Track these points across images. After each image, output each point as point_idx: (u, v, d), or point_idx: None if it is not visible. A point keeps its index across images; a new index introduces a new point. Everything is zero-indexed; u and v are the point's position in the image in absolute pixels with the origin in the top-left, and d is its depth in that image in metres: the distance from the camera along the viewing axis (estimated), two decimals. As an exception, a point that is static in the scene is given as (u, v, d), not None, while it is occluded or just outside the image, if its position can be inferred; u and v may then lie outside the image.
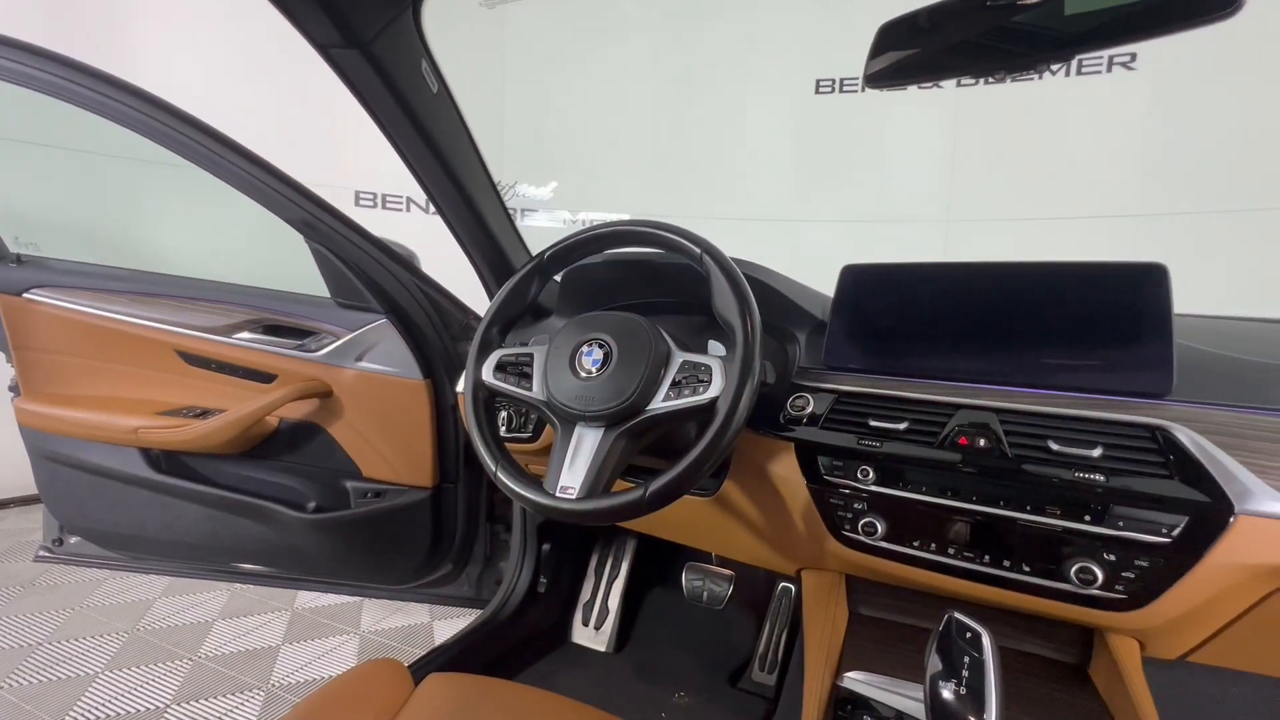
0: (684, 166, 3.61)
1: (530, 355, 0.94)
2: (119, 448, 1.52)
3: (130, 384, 1.55)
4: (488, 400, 0.96)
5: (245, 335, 1.51)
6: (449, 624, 2.01)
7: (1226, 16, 0.55)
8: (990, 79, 2.96)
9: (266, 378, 1.50)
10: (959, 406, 0.85)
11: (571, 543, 1.75)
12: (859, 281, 0.99)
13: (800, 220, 3.40)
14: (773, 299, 1.03)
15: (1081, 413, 0.78)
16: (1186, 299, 0.80)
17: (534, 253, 1.03)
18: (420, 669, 1.35)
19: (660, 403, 0.82)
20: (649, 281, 1.14)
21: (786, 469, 0.95)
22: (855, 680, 0.69)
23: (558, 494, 0.82)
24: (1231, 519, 0.69)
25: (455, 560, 1.68)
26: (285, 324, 1.52)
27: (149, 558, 1.72)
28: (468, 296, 1.56)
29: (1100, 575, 0.75)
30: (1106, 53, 2.86)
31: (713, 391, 0.79)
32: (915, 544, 0.87)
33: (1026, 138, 3.06)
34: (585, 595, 1.75)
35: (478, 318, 1.56)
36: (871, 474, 0.88)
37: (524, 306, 1.02)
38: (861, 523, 0.90)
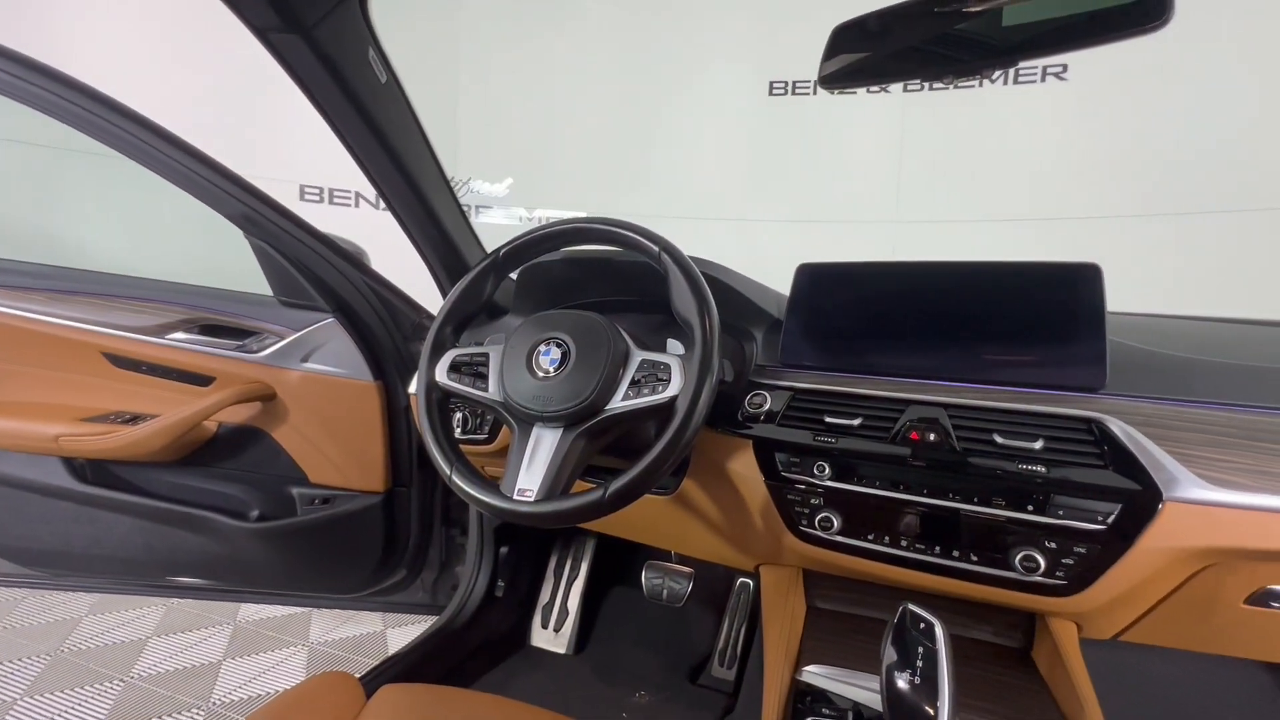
0: (641, 165, 3.61)
1: (486, 355, 0.92)
2: (39, 457, 1.42)
3: (51, 389, 1.45)
4: (442, 402, 0.93)
5: (179, 335, 1.42)
6: (403, 632, 1.95)
7: (1155, 28, 0.57)
8: (936, 84, 3.07)
9: (203, 380, 1.43)
10: (910, 402, 0.87)
11: (529, 545, 1.72)
12: (814, 280, 1.01)
13: (755, 220, 3.45)
14: (730, 297, 1.03)
15: (1024, 407, 0.81)
16: (1118, 298, 0.84)
17: (489, 250, 1.01)
18: (372, 680, 1.30)
19: (619, 402, 0.81)
20: (607, 280, 1.13)
21: (745, 466, 0.96)
22: (813, 674, 0.69)
23: (515, 497, 0.81)
24: (1160, 505, 0.72)
25: (409, 566, 1.63)
26: (224, 324, 1.45)
27: (75, 574, 1.62)
28: (420, 295, 1.51)
29: (1042, 562, 0.78)
30: (1041, 63, 3.00)
31: (672, 390, 0.79)
32: (870, 537, 0.88)
33: (968, 142, 3.18)
34: (544, 597, 1.73)
35: (430, 317, 1.52)
36: (827, 470, 0.90)
37: (479, 305, 0.99)
38: (818, 518, 0.91)
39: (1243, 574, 0.75)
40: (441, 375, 0.92)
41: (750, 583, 1.61)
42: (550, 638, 1.66)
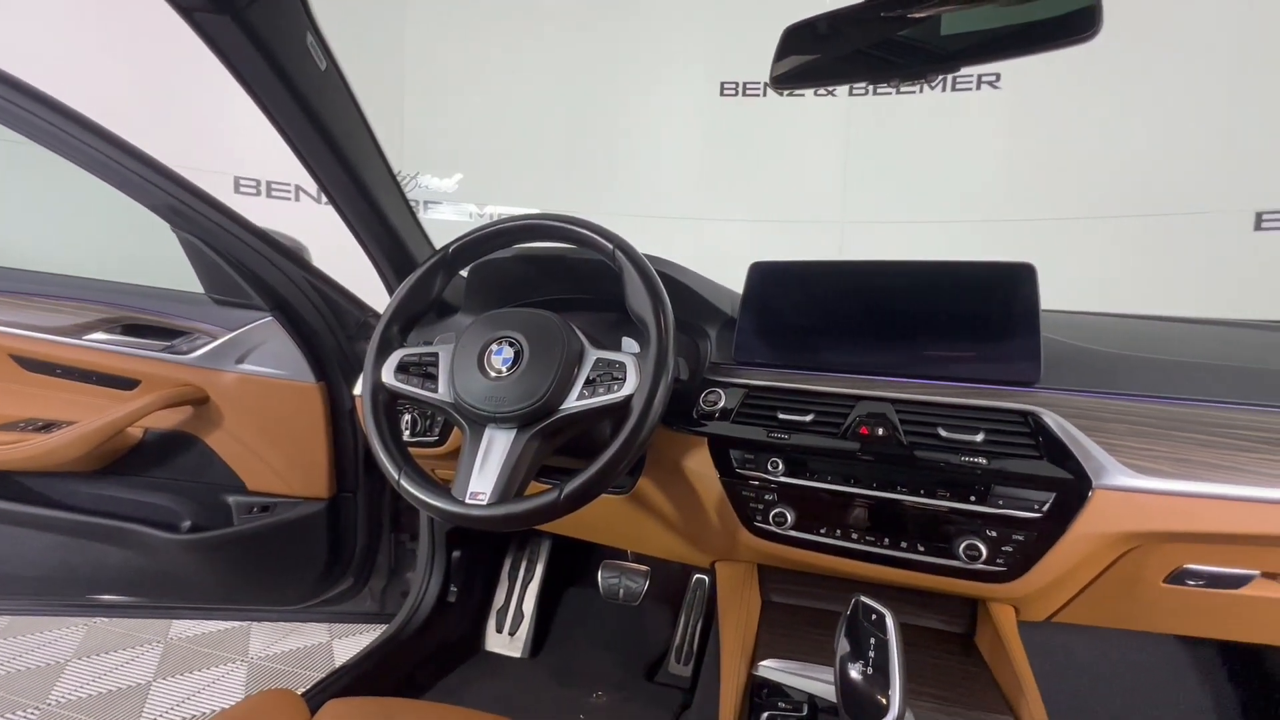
0: (594, 163, 3.59)
1: (435, 355, 0.89)
2: (-64, 470, 1.30)
3: (-50, 395, 1.33)
4: (389, 403, 0.90)
5: (99, 336, 1.33)
6: (351, 643, 1.88)
7: (1085, 39, 0.60)
8: (880, 89, 3.16)
9: (127, 384, 1.33)
10: (859, 398, 0.89)
11: (483, 548, 1.69)
12: (766, 278, 1.02)
13: (707, 219, 3.48)
14: (684, 295, 1.03)
15: (966, 401, 0.85)
16: (1051, 296, 0.89)
17: (438, 247, 0.98)
18: (317, 695, 1.25)
19: (574, 402, 0.80)
20: (560, 278, 1.12)
21: (700, 464, 0.96)
22: (769, 668, 0.70)
23: (468, 500, 0.79)
24: (1090, 493, 0.76)
25: (356, 574, 1.57)
26: (149, 323, 1.36)
27: (-19, 595, 1.49)
28: (367, 293, 1.46)
29: (984, 551, 0.81)
30: (977, 72, 3.14)
31: (627, 389, 0.78)
32: (822, 531, 0.90)
33: (911, 146, 3.30)
34: (499, 601, 1.70)
35: (376, 315, 1.46)
36: (781, 465, 0.91)
37: (427, 303, 0.96)
38: (772, 513, 0.92)
39: (1162, 555, 0.80)
40: (388, 376, 0.89)
41: (706, 579, 1.62)
42: (505, 642, 1.64)
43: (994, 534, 0.81)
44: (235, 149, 3.19)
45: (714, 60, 3.46)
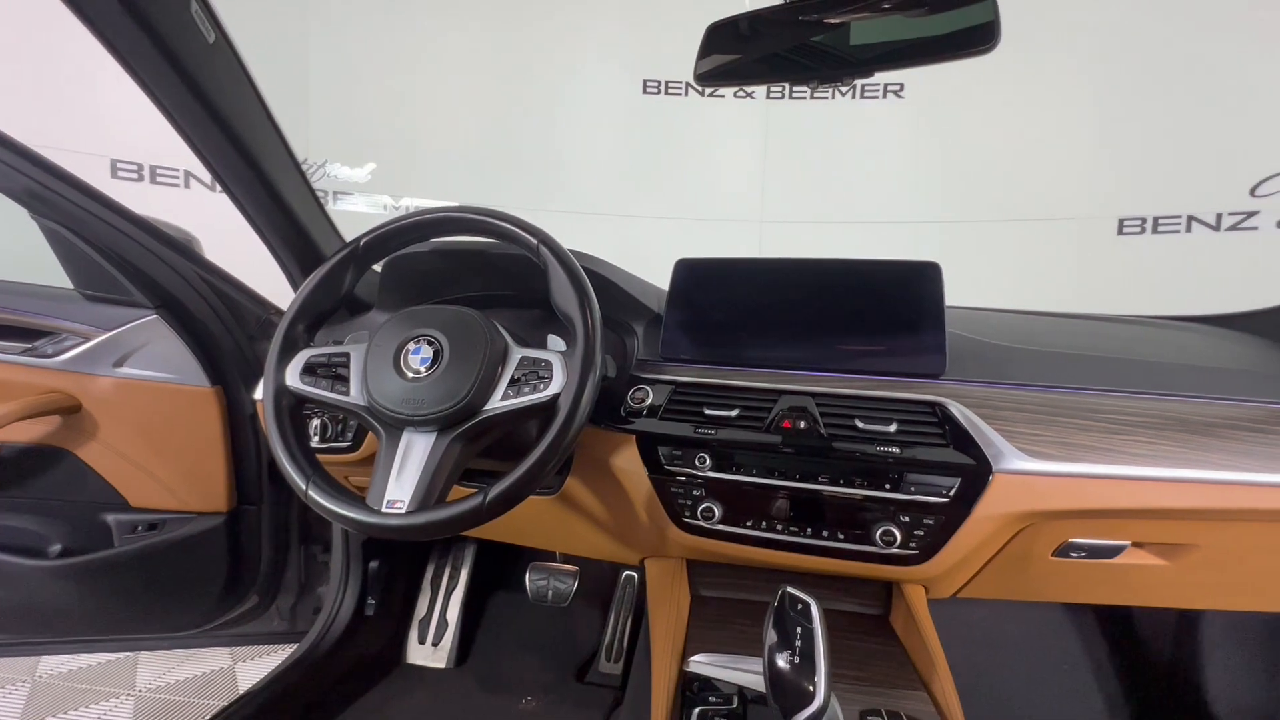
0: (516, 157, 3.51)
1: (346, 355, 0.84)
2: None
3: None
4: (294, 408, 0.84)
5: (-59, 338, 1.16)
6: (257, 665, 1.74)
7: (985, 52, 0.64)
8: (796, 94, 3.27)
9: (-22, 392, 1.17)
10: (782, 392, 0.92)
11: (403, 557, 1.61)
12: (691, 275, 1.03)
13: (631, 215, 3.48)
14: (611, 292, 1.03)
15: (880, 393, 0.89)
16: (955, 293, 0.95)
17: (348, 240, 0.92)
18: (218, 726, 1.15)
19: (499, 402, 0.78)
20: (481, 273, 1.08)
21: (628, 461, 0.96)
22: (699, 663, 0.71)
23: (384, 509, 0.74)
24: (990, 477, 0.82)
25: (262, 592, 1.46)
26: (6, 323, 1.20)
27: None
28: (275, 291, 1.35)
29: (899, 535, 0.86)
30: (883, 81, 3.31)
31: (554, 388, 0.77)
32: (749, 524, 0.92)
33: (824, 149, 3.44)
34: (421, 611, 1.63)
35: (280, 313, 1.36)
36: (708, 461, 0.92)
37: (336, 300, 0.91)
38: (700, 508, 0.93)
39: (1050, 531, 0.88)
40: (293, 378, 0.83)
41: (635, 575, 1.62)
42: (429, 653, 1.57)
43: (907, 519, 0.86)
44: (113, 128, 2.87)
45: (636, 58, 3.46)
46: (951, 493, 0.84)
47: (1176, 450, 0.81)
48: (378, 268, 1.07)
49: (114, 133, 2.90)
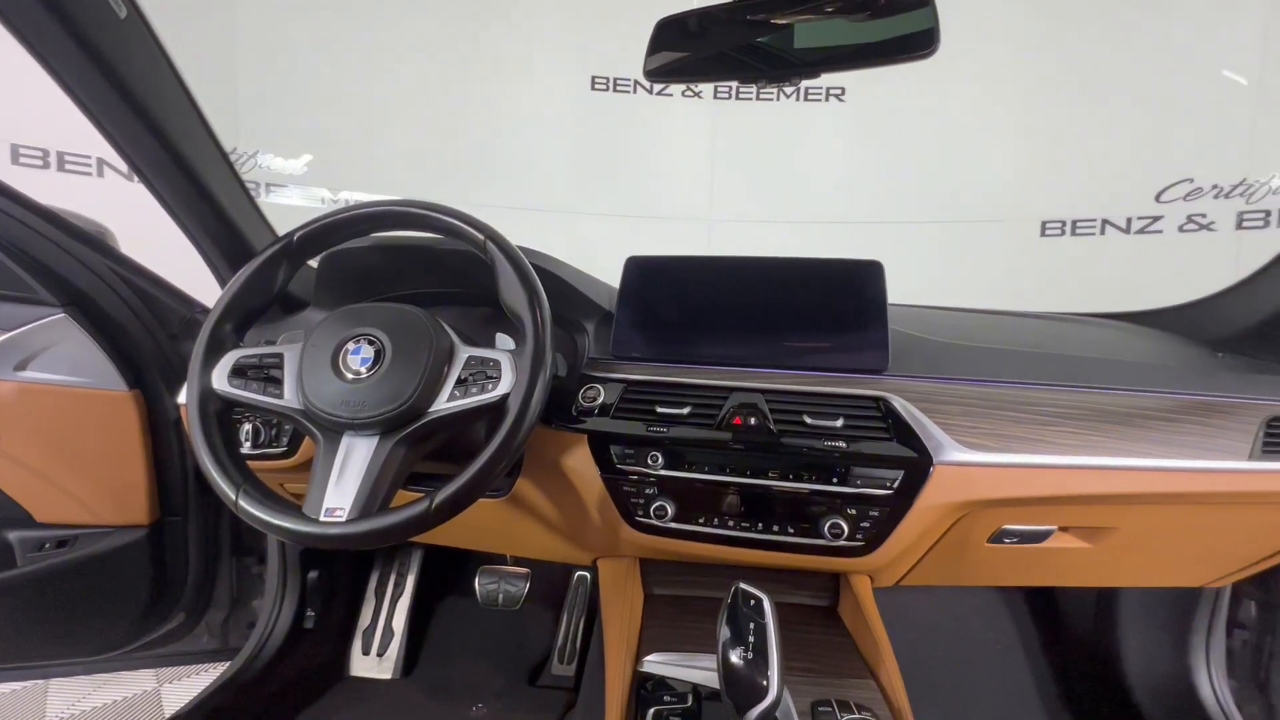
0: (461, 150, 3.43)
1: (279, 356, 0.80)
2: None
3: None
4: (221, 413, 0.79)
5: None
6: (185, 686, 1.64)
7: (924, 57, 0.66)
8: (742, 94, 3.30)
9: None
10: (732, 389, 0.93)
11: (345, 565, 1.55)
12: (642, 272, 1.03)
13: (580, 212, 3.46)
14: (561, 289, 1.01)
15: (827, 389, 0.91)
16: (896, 291, 0.98)
17: (281, 234, 0.87)
18: (141, 754, 1.07)
19: (445, 403, 0.76)
20: (425, 270, 1.05)
21: (580, 461, 0.95)
22: (653, 663, 0.71)
23: (323, 518, 0.71)
24: (931, 469, 0.86)
25: (189, 609, 1.37)
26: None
27: None
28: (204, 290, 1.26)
29: (846, 528, 0.88)
30: (825, 84, 3.40)
31: (503, 388, 0.75)
32: (701, 521, 0.93)
33: (769, 150, 3.50)
34: (365, 621, 1.57)
35: (207, 311, 1.28)
36: (661, 459, 0.92)
37: (268, 297, 0.86)
38: (653, 507, 0.93)
39: (986, 519, 0.92)
40: (220, 381, 0.78)
41: (588, 575, 1.61)
42: (373, 664, 1.52)
43: (854, 512, 0.88)
44: (13, 110, 2.64)
45: (585, 54, 3.43)
46: (895, 485, 0.87)
47: (1099, 440, 0.86)
48: (314, 263, 1.02)
49: (14, 114, 2.67)
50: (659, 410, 0.93)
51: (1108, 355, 1.04)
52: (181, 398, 1.15)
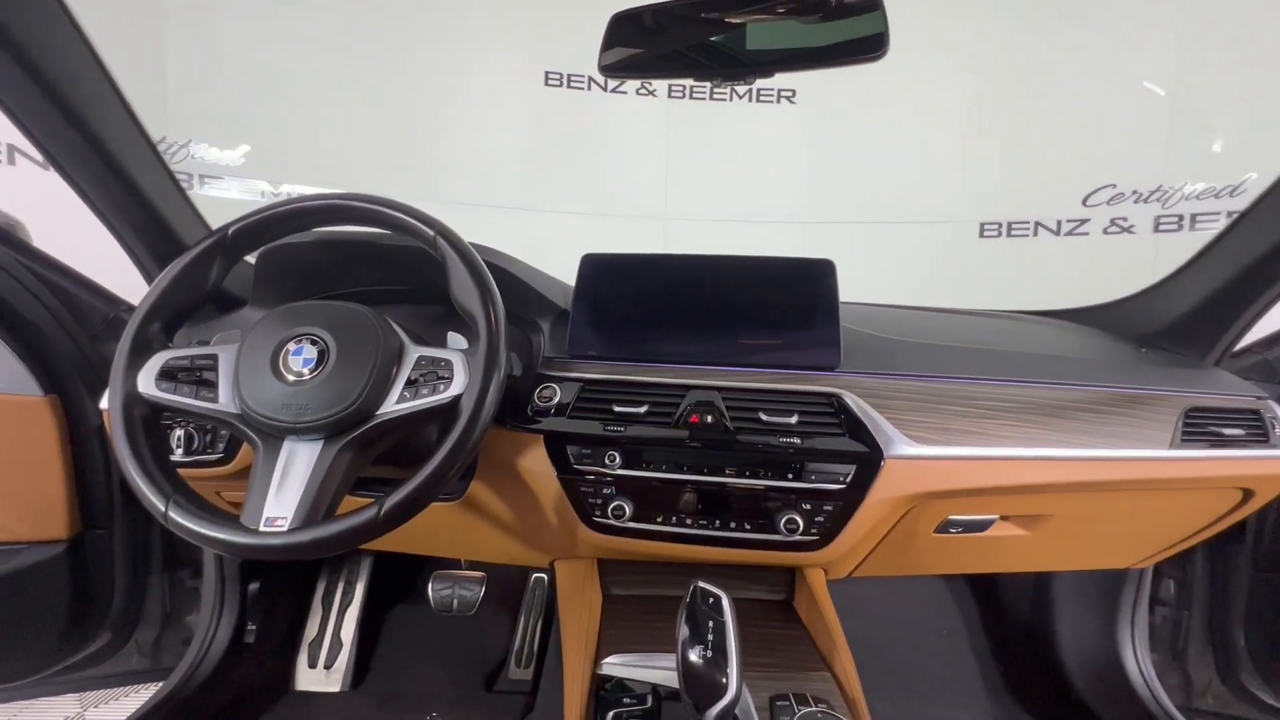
0: (410, 145, 3.33)
1: (213, 357, 0.75)
2: None
3: None
4: (149, 418, 0.74)
5: None
6: (114, 709, 1.53)
7: (874, 59, 0.68)
8: (696, 93, 3.32)
9: None
10: (689, 387, 0.93)
11: (289, 575, 1.49)
12: (598, 270, 1.02)
13: (533, 209, 3.41)
14: (515, 287, 0.99)
15: (781, 386, 0.92)
16: (847, 289, 1.00)
17: (215, 228, 0.82)
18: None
19: (394, 405, 0.73)
20: (371, 267, 1.01)
21: (536, 462, 0.94)
22: (612, 664, 0.70)
23: (263, 528, 0.67)
24: (882, 463, 0.88)
25: (116, 627, 1.29)
26: None
27: None
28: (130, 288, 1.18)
29: (801, 523, 0.89)
30: (777, 86, 3.45)
31: (455, 389, 0.72)
32: (659, 520, 0.93)
33: (723, 150, 3.54)
34: (311, 633, 1.51)
35: (132, 310, 1.20)
36: (618, 458, 0.92)
37: (201, 295, 0.81)
38: (610, 507, 0.92)
39: (932, 511, 0.95)
40: (147, 385, 0.73)
41: (545, 577, 1.59)
42: (320, 678, 1.46)
43: (808, 507, 0.90)
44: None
45: (538, 49, 3.38)
46: (848, 479, 0.88)
47: (1037, 432, 0.90)
48: (252, 259, 0.97)
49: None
50: (616, 409, 0.92)
51: (1042, 351, 1.10)
52: (104, 402, 1.08)
